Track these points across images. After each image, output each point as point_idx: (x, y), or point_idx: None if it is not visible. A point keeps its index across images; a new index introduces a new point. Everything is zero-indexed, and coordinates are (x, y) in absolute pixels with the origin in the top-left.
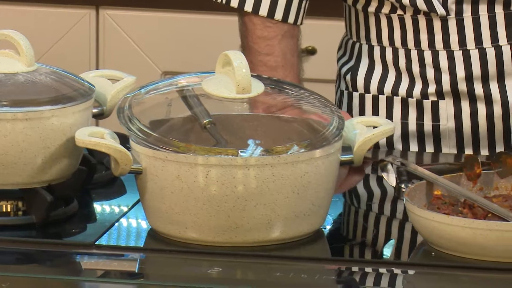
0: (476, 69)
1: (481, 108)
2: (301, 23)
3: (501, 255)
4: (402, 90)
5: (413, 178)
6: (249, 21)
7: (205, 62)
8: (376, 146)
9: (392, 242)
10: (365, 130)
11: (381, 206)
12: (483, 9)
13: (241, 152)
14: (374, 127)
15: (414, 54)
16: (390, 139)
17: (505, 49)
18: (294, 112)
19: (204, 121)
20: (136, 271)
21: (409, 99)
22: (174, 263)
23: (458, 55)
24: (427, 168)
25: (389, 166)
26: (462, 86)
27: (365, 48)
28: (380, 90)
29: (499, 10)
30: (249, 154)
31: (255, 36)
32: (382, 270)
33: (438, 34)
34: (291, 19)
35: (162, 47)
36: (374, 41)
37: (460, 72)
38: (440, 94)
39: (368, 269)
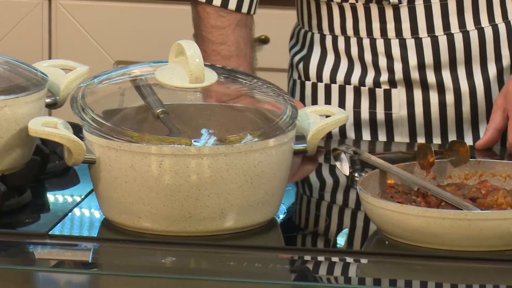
0: (428, 57)
1: (434, 97)
2: (254, 13)
3: (454, 244)
4: (355, 78)
5: (367, 167)
6: (203, 10)
7: (158, 52)
8: (329, 135)
9: (345, 231)
10: (318, 119)
11: (335, 195)
12: None
13: (194, 141)
14: (327, 116)
15: (366, 42)
16: (342, 128)
17: (457, 37)
18: (248, 101)
19: (158, 111)
20: (90, 261)
21: (362, 87)
22: (128, 253)
23: (410, 43)
24: (380, 157)
25: (343, 155)
26: (415, 74)
27: (317, 37)
28: (333, 79)
29: None
30: (202, 143)
31: (209, 25)
32: (336, 259)
33: (390, 22)
34: (244, 8)
35: (114, 36)
36: (326, 30)
37: (413, 60)
38: (392, 82)
39: (322, 258)
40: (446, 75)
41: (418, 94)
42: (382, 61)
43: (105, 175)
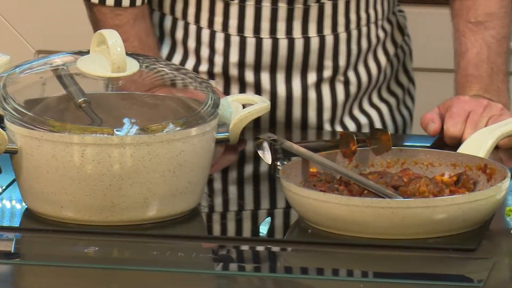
0: (250, 57)
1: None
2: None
3: (377, 232)
4: (176, 61)
5: (289, 156)
6: (99, 11)
7: (79, 41)
8: (252, 124)
9: (268, 219)
10: (240, 108)
11: (257, 184)
12: (267, 0)
13: (116, 131)
14: (250, 104)
15: (192, 28)
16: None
17: (282, 42)
18: (170, 90)
19: (79, 100)
20: (12, 251)
21: None
22: (51, 243)
23: (235, 40)
24: (303, 145)
25: (265, 144)
26: (233, 71)
27: (156, 15)
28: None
29: (282, 4)
30: (124, 132)
31: (107, 25)
32: (259, 247)
33: (219, 16)
34: (138, 1)
35: (36, 26)
36: (167, 10)
37: (234, 57)
38: (211, 74)
39: (245, 247)
40: (265, 77)
41: (234, 91)
42: (204, 51)
43: (27, 165)
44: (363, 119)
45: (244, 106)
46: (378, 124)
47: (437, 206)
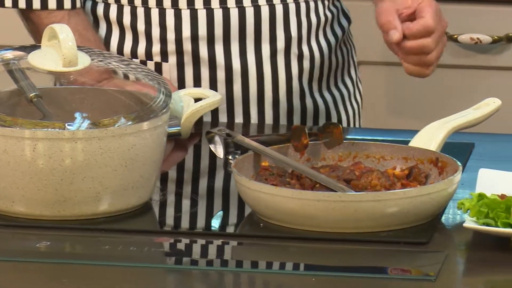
0: (202, 30)
1: (205, 73)
2: (82, 6)
3: (329, 226)
4: (127, 48)
5: (241, 149)
6: (34, 15)
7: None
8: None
9: (220, 213)
10: (192, 102)
11: (209, 178)
12: None
13: (68, 125)
14: (202, 98)
15: (140, 11)
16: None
17: (233, 11)
18: (121, 84)
19: (31, 95)
20: None
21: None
22: (2, 238)
23: (186, 14)
24: (254, 139)
25: (216, 138)
26: (187, 46)
27: (88, 4)
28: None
29: None
30: (76, 127)
31: (43, 25)
32: (211, 241)
33: None
34: (67, 5)
35: None
36: None
37: (186, 32)
38: (164, 54)
39: (197, 241)
40: (219, 50)
41: (189, 71)
42: (156, 31)
43: None
44: (320, 101)
45: (196, 100)
46: (333, 111)
47: (389, 199)
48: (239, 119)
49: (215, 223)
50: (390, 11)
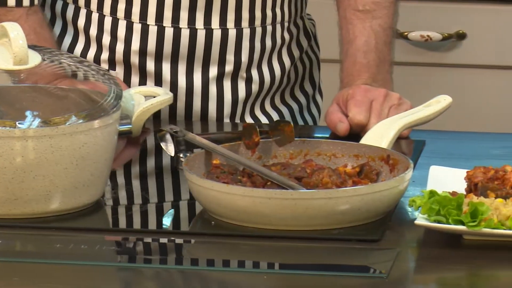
0: (152, 45)
1: (150, 85)
2: (40, 3)
3: (280, 223)
4: (78, 51)
5: (192, 147)
6: None
7: None
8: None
9: (171, 211)
10: (143, 100)
11: (160, 176)
12: None
13: (19, 123)
14: (153, 97)
15: (95, 16)
16: None
17: (185, 32)
18: (72, 82)
19: None
20: None
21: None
22: None
23: (137, 28)
24: (205, 137)
25: (167, 136)
26: (134, 59)
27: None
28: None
29: None
30: (27, 125)
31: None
32: (163, 239)
33: (121, 2)
34: (25, 2)
35: None
36: None
37: (135, 44)
38: (112, 62)
39: (148, 239)
40: (166, 67)
41: (135, 82)
42: (106, 39)
43: None
44: (263, 120)
45: (146, 98)
46: None
47: (340, 197)
48: None
49: (166, 221)
50: (335, 111)
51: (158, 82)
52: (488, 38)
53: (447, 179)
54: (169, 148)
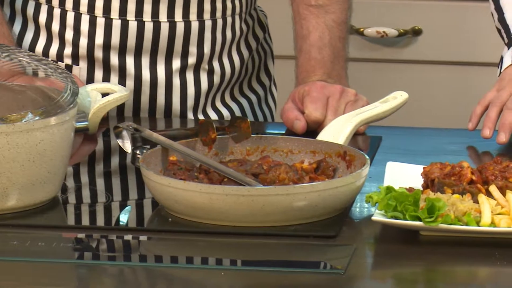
0: (116, 39)
1: (114, 81)
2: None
3: (238, 220)
4: (39, 47)
5: (149, 144)
6: None
7: None
8: (118, 110)
9: (129, 208)
10: (99, 97)
11: (117, 173)
12: None
13: None
14: (109, 93)
15: (57, 12)
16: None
17: (148, 25)
18: (29, 79)
19: None
20: None
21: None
22: None
23: (100, 22)
24: (162, 133)
25: (124, 133)
26: (98, 53)
27: None
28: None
29: None
30: None
31: None
32: (120, 236)
33: None
34: None
35: None
36: None
37: (99, 39)
38: (75, 57)
39: (105, 236)
40: (130, 61)
41: (99, 76)
42: (69, 34)
43: None
44: (225, 112)
45: (103, 95)
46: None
47: (297, 193)
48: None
49: (124, 218)
50: (291, 109)
51: (122, 76)
52: (443, 34)
53: (403, 175)
54: (126, 145)
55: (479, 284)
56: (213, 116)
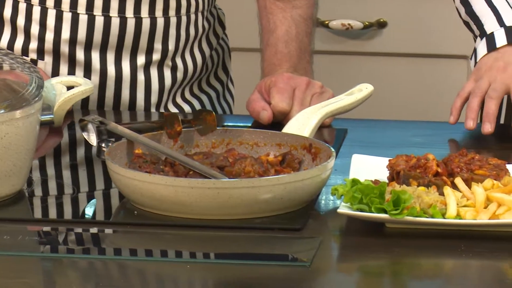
0: (82, 34)
1: (79, 74)
2: None
3: (203, 213)
4: (4, 42)
5: (114, 137)
6: None
7: None
8: (82, 105)
9: (94, 201)
10: (64, 90)
11: (83, 166)
12: None
13: None
14: (74, 86)
15: (22, 6)
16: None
17: (115, 21)
18: None
19: None
20: None
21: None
22: None
23: (67, 17)
24: (127, 126)
25: (89, 126)
26: (64, 48)
27: None
28: None
29: None
30: None
31: None
32: (85, 229)
33: None
34: None
35: None
36: None
37: (65, 34)
38: (40, 51)
39: (71, 229)
40: (95, 56)
41: (64, 71)
42: (35, 29)
43: None
44: (186, 107)
45: (68, 88)
46: None
47: (263, 186)
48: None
49: (89, 211)
50: (258, 99)
51: (87, 71)
52: (408, 26)
53: (369, 167)
54: (91, 138)
55: (445, 276)
56: (175, 111)
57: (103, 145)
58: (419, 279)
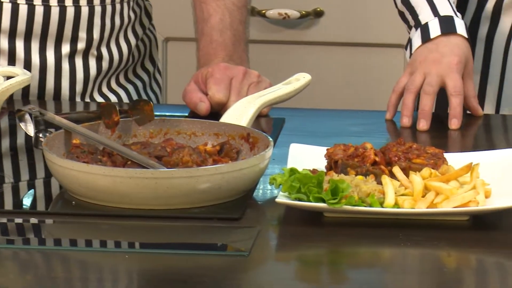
0: (6, 23)
1: (3, 64)
2: None
3: (142, 203)
4: None
5: (52, 127)
6: None
7: None
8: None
9: (31, 192)
10: (1, 80)
11: (20, 156)
12: None
13: None
14: (11, 77)
15: None
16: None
17: (39, 9)
18: None
19: None
20: None
21: None
22: None
23: None
24: (65, 117)
25: (27, 116)
26: None
27: None
28: None
29: None
30: None
31: None
32: (25, 220)
33: None
34: None
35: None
36: None
37: None
38: None
39: (8, 220)
40: (20, 44)
41: None
42: None
43: None
44: (112, 97)
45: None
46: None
47: (201, 175)
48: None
49: (27, 202)
50: (195, 90)
51: (12, 60)
52: (345, 16)
53: (307, 156)
54: (29, 128)
55: (383, 265)
56: (100, 101)
57: (40, 135)
58: (357, 268)
